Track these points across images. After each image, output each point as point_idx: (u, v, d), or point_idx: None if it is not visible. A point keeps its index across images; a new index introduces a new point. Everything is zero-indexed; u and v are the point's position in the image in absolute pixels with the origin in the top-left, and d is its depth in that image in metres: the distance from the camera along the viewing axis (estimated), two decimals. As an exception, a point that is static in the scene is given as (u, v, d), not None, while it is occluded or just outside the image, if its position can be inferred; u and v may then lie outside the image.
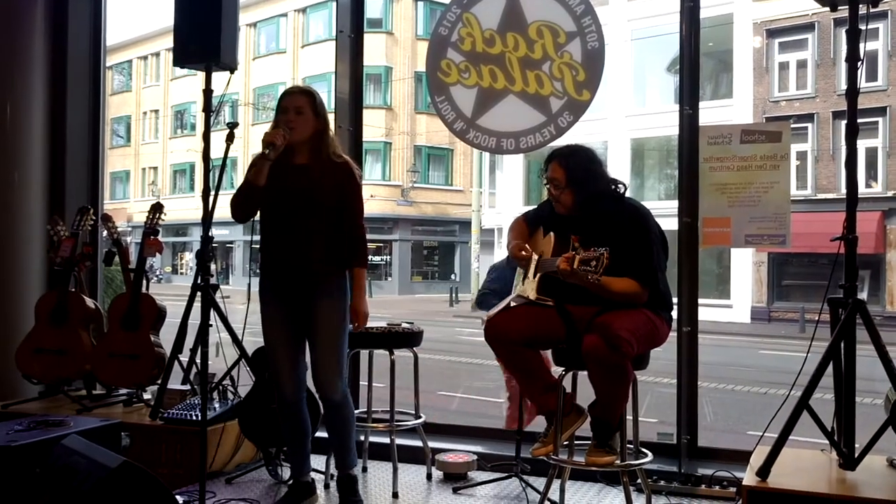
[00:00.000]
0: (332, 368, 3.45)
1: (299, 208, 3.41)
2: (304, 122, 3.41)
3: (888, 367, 3.03)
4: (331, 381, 3.45)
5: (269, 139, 3.31)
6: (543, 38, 4.20)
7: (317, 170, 3.43)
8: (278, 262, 3.48)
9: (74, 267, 4.64)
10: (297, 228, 3.42)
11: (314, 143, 3.46)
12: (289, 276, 3.46)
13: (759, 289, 20.37)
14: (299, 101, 3.43)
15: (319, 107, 3.47)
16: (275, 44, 32.55)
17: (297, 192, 3.41)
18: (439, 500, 3.80)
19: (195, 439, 3.67)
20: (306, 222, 3.42)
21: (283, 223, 3.45)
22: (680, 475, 3.87)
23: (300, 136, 3.41)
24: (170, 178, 36.38)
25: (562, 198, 3.28)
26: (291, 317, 3.49)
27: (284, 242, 3.45)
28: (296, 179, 3.42)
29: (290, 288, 3.47)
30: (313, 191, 3.41)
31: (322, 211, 3.42)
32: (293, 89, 3.53)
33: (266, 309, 3.52)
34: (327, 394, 3.48)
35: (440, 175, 31.59)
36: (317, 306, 3.44)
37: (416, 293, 28.47)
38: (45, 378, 4.61)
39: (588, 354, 3.02)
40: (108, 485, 2.61)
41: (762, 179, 3.90)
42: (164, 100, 36.24)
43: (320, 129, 3.46)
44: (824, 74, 19.47)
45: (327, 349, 3.45)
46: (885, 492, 2.95)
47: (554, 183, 3.28)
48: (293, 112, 3.41)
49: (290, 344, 3.51)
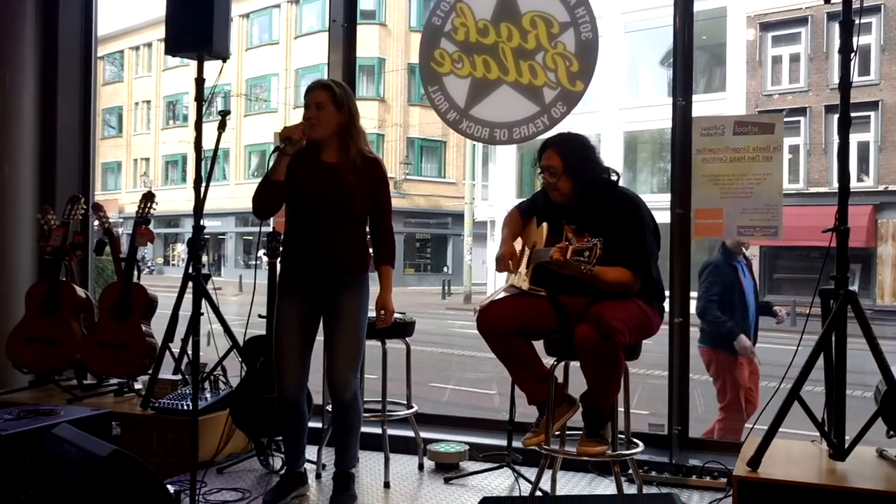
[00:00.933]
0: (348, 367, 3.44)
1: (331, 208, 3.38)
2: (326, 118, 3.37)
3: (878, 358, 3.04)
4: (345, 380, 3.44)
5: (287, 133, 3.28)
6: (537, 29, 4.19)
7: (349, 169, 3.39)
8: (305, 259, 3.44)
9: (65, 256, 4.62)
10: (328, 228, 3.39)
11: (341, 139, 3.41)
12: (314, 274, 3.43)
13: (750, 282, 20.39)
14: (319, 95, 3.38)
15: (340, 99, 3.40)
16: (267, 35, 32.43)
17: (330, 193, 3.37)
18: (431, 490, 3.81)
19: (186, 429, 3.67)
20: (337, 222, 3.40)
21: (312, 222, 3.41)
22: (671, 466, 3.88)
23: (323, 131, 3.37)
24: (161, 170, 36.26)
25: (559, 185, 3.26)
26: (309, 315, 3.47)
27: (313, 241, 3.41)
28: (327, 179, 3.38)
29: (314, 286, 3.44)
30: (346, 192, 3.37)
31: (350, 210, 3.41)
32: (314, 84, 3.47)
33: (284, 304, 3.49)
34: (339, 392, 3.46)
35: (433, 167, 31.56)
36: (340, 304, 3.43)
37: (408, 285, 28.45)
38: (36, 368, 4.60)
39: (580, 344, 3.02)
40: (99, 473, 2.60)
41: (755, 171, 3.90)
42: (156, 90, 36.08)
43: (345, 122, 3.40)
44: (817, 68, 19.52)
45: (346, 347, 3.43)
46: (875, 482, 2.96)
47: (550, 171, 3.26)
48: (314, 108, 3.37)
49: (302, 342, 3.48)
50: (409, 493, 3.78)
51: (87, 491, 2.59)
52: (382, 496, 3.70)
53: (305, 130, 3.32)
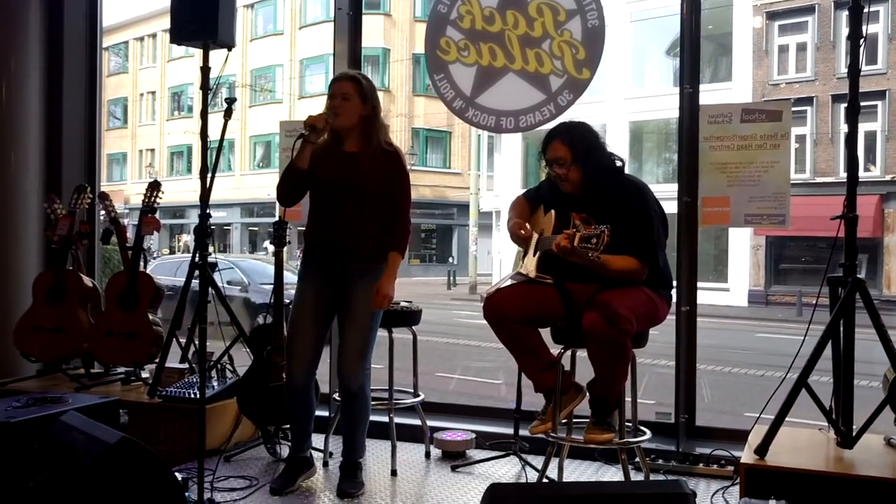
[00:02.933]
0: (354, 359, 3.46)
1: (348, 197, 3.42)
2: (351, 109, 3.41)
3: (887, 346, 3.04)
4: (353, 370, 3.46)
5: (311, 122, 3.33)
6: (543, 16, 4.17)
7: (367, 158, 3.44)
8: (323, 246, 3.49)
9: (72, 245, 4.63)
10: (345, 216, 3.44)
11: (364, 130, 3.46)
12: (330, 261, 3.48)
13: (756, 272, 20.40)
14: (346, 87, 3.42)
15: (367, 92, 3.45)
16: (272, 25, 32.38)
17: (346, 181, 3.42)
18: (438, 478, 3.81)
19: (193, 417, 3.68)
20: (354, 211, 3.43)
21: (330, 210, 3.47)
22: (678, 454, 3.88)
23: (347, 122, 3.42)
24: (167, 160, 36.28)
25: (570, 175, 3.25)
26: (325, 303, 3.50)
27: (331, 229, 3.47)
28: (345, 167, 3.43)
29: (330, 273, 3.48)
30: (363, 180, 3.41)
31: (370, 201, 3.44)
32: (341, 75, 3.54)
33: (302, 292, 3.53)
34: (346, 381, 3.48)
35: (438, 158, 31.53)
36: (353, 293, 3.45)
37: (413, 276, 28.45)
38: (43, 356, 4.61)
39: (588, 332, 3.01)
40: (107, 460, 2.61)
41: (762, 159, 3.88)
42: (161, 81, 36.06)
43: (368, 115, 3.45)
44: (824, 58, 19.41)
45: (355, 338, 3.46)
46: (883, 470, 2.96)
47: (559, 162, 3.25)
48: (340, 98, 3.41)
49: (317, 329, 3.51)
50: (416, 480, 3.78)
51: (96, 478, 2.60)
52: (389, 484, 3.71)
53: (329, 119, 3.37)
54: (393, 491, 3.62)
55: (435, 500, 3.48)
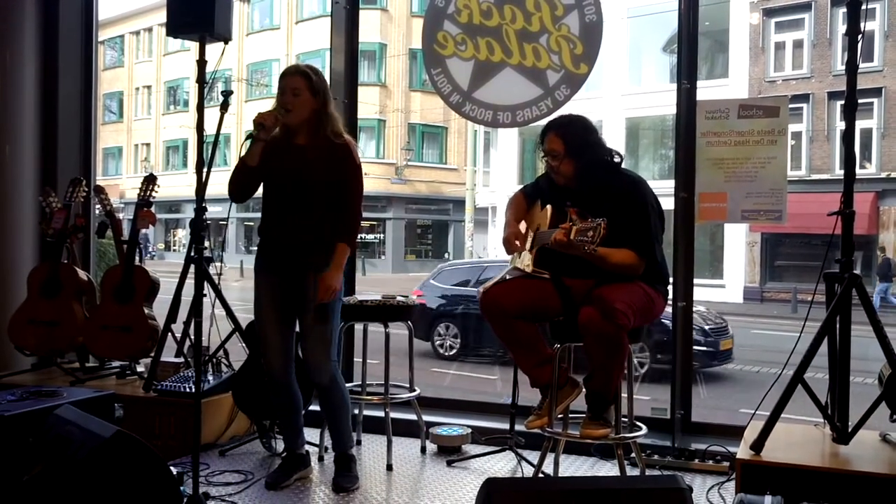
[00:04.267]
0: (318, 352, 3.45)
1: (293, 188, 3.41)
2: (302, 104, 3.38)
3: (882, 341, 3.04)
4: (318, 364, 3.45)
5: (260, 119, 3.30)
6: (541, 11, 4.16)
7: (313, 150, 3.41)
8: (272, 240, 3.48)
9: (67, 238, 4.62)
10: (291, 208, 3.41)
11: (312, 123, 3.43)
12: (281, 255, 3.46)
13: (752, 269, 20.41)
14: (296, 82, 3.39)
15: (317, 85, 3.41)
16: (269, 20, 32.25)
17: (291, 172, 3.40)
18: (433, 472, 3.81)
19: (189, 411, 3.67)
20: (300, 202, 3.40)
21: (278, 203, 3.45)
22: (674, 449, 3.89)
23: (298, 117, 3.39)
24: (162, 155, 36.15)
25: (561, 168, 3.26)
26: (282, 296, 3.48)
27: (279, 222, 3.45)
28: (292, 159, 3.41)
29: (283, 267, 3.45)
30: (306, 171, 3.39)
31: (317, 190, 3.39)
32: (290, 70, 3.48)
33: (258, 286, 3.53)
34: (315, 377, 3.48)
35: (434, 153, 31.47)
36: (307, 289, 3.41)
37: (409, 272, 28.40)
38: (38, 350, 4.60)
39: (584, 327, 3.01)
40: (103, 454, 2.60)
41: (759, 155, 3.88)
42: (157, 75, 35.92)
43: (318, 108, 3.42)
44: (820, 55, 19.41)
45: (316, 332, 3.44)
46: (878, 465, 2.97)
47: (552, 154, 3.25)
48: (290, 94, 3.37)
49: (280, 322, 3.50)
50: (412, 475, 3.78)
51: (91, 472, 2.59)
52: (385, 478, 3.70)
53: (280, 116, 3.34)
54: (388, 485, 3.62)
55: (430, 495, 3.48)
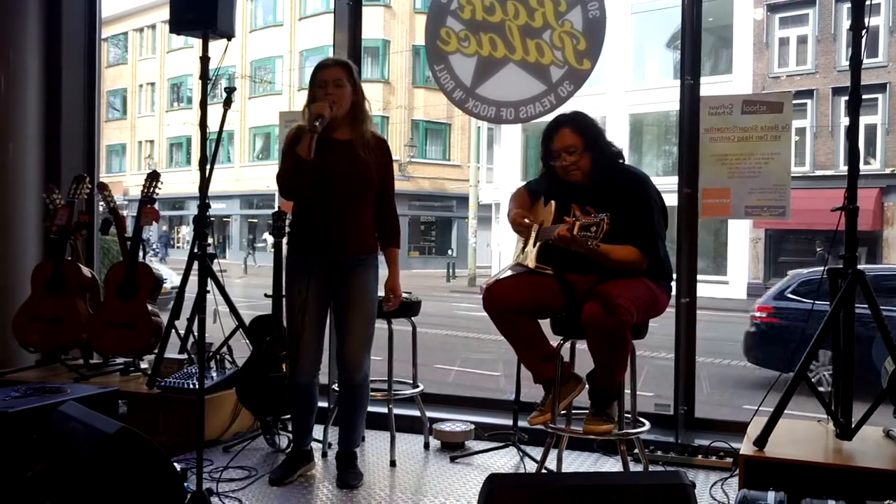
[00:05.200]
0: (360, 349, 3.45)
1: (346, 186, 3.36)
2: (345, 95, 3.35)
3: (886, 337, 3.03)
4: (357, 361, 3.45)
5: (319, 111, 3.21)
6: (544, 7, 4.15)
7: (362, 146, 3.38)
8: (317, 238, 3.41)
9: (70, 235, 4.62)
10: (340, 206, 3.37)
11: (354, 117, 3.40)
12: (327, 253, 3.41)
13: (755, 265, 20.38)
14: (337, 73, 3.35)
15: (356, 78, 3.42)
16: (272, 16, 32.26)
17: (346, 169, 3.35)
18: (437, 468, 3.81)
19: (192, 408, 3.68)
20: (350, 200, 3.38)
21: (325, 200, 3.37)
22: (677, 445, 3.89)
23: (342, 110, 3.35)
24: (166, 152, 36.20)
25: (581, 163, 3.23)
26: (322, 297, 3.45)
27: (326, 219, 3.38)
28: (343, 156, 3.35)
29: (324, 266, 3.42)
30: (361, 168, 3.36)
31: (363, 188, 3.40)
32: (329, 62, 3.44)
33: (297, 287, 3.44)
34: (351, 374, 3.47)
35: (438, 150, 31.46)
36: (349, 286, 3.41)
37: (413, 268, 28.40)
38: (42, 347, 4.61)
39: (588, 323, 3.01)
40: (106, 450, 2.61)
41: (763, 150, 3.87)
42: (161, 72, 35.94)
43: (358, 101, 3.40)
44: (824, 50, 19.36)
45: (358, 330, 3.43)
46: (881, 461, 2.96)
47: (569, 150, 3.22)
48: (332, 85, 3.33)
49: (317, 326, 3.48)
50: (415, 471, 3.79)
51: (95, 468, 2.60)
52: (388, 474, 3.71)
53: (332, 107, 3.27)
54: (392, 482, 3.62)
55: (434, 491, 3.48)
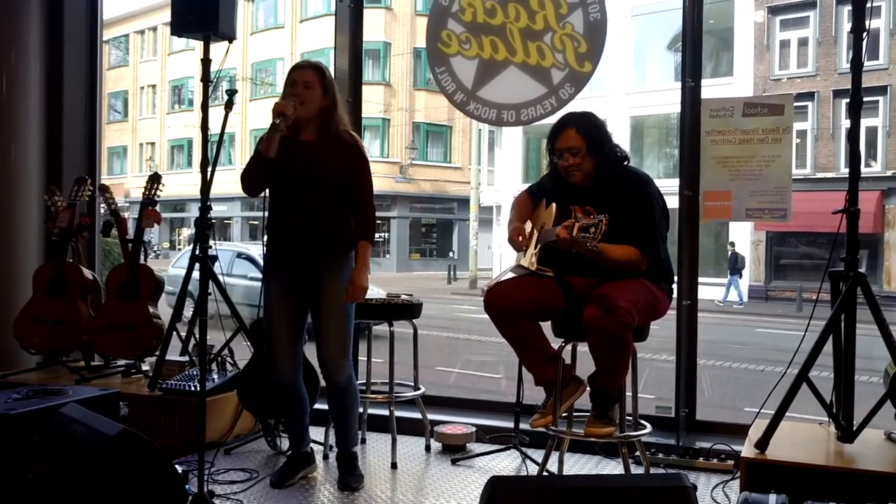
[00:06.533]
0: (337, 350, 3.43)
1: (306, 185, 3.37)
2: (313, 97, 3.35)
3: (888, 340, 3.03)
4: (336, 364, 3.44)
5: (280, 109, 3.24)
6: (545, 9, 4.15)
7: (324, 147, 3.38)
8: (284, 238, 3.43)
9: (72, 237, 4.63)
10: (304, 205, 3.37)
11: (322, 120, 3.39)
12: (294, 254, 3.42)
13: (756, 267, 20.39)
14: (308, 75, 3.36)
15: (329, 83, 3.40)
16: (273, 19, 32.29)
17: (303, 169, 3.35)
18: (438, 471, 3.81)
19: (193, 410, 3.67)
20: (312, 199, 3.37)
21: (289, 200, 3.40)
22: (678, 448, 3.88)
23: (308, 111, 3.34)
24: (167, 154, 36.23)
25: (584, 165, 3.23)
26: (294, 296, 3.45)
27: (291, 219, 3.40)
28: (302, 155, 3.36)
29: (296, 266, 3.42)
30: (320, 168, 3.35)
31: (328, 188, 3.38)
32: (303, 63, 3.46)
33: (269, 286, 3.49)
34: (331, 375, 3.46)
35: (439, 152, 31.48)
36: (322, 286, 3.40)
37: (414, 270, 28.45)
38: (44, 348, 4.61)
39: (589, 325, 3.01)
40: (108, 452, 2.61)
41: (764, 153, 3.87)
42: (162, 75, 35.98)
43: (328, 105, 3.39)
44: (825, 52, 19.37)
45: (333, 330, 3.42)
46: (883, 464, 2.96)
47: (572, 151, 3.22)
48: (301, 86, 3.34)
49: (291, 323, 3.48)
50: (416, 473, 3.78)
51: (96, 470, 2.60)
52: (389, 476, 3.71)
53: (296, 106, 3.29)
54: (393, 484, 3.62)
55: (435, 493, 3.48)
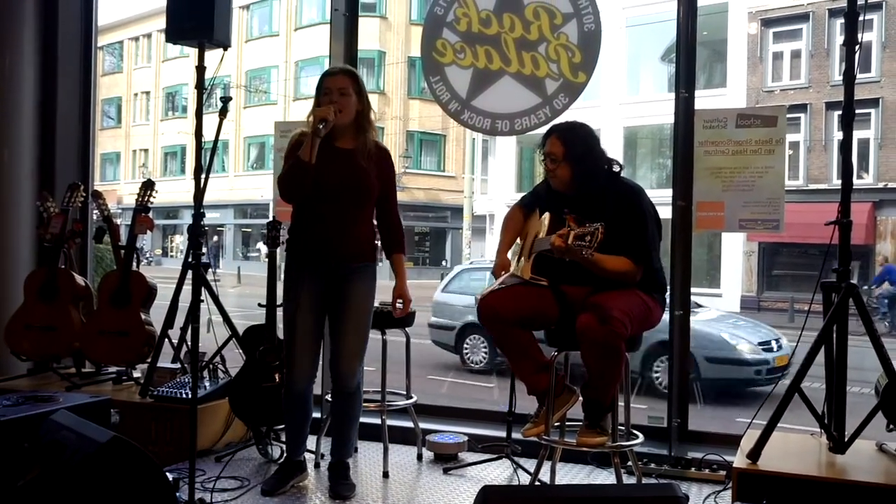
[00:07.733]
0: (354, 358, 3.44)
1: (346, 195, 3.36)
2: (349, 104, 3.34)
3: (879, 351, 3.04)
4: (351, 371, 3.44)
5: (322, 115, 3.21)
6: (540, 20, 4.17)
7: (363, 155, 3.38)
8: (316, 246, 3.40)
9: (64, 244, 4.61)
10: (341, 214, 3.37)
11: (358, 126, 3.40)
12: (324, 262, 3.39)
13: (749, 278, 20.42)
14: (342, 81, 3.36)
15: (362, 86, 3.41)
16: (268, 26, 32.31)
17: (346, 178, 3.34)
18: (430, 480, 3.80)
19: (185, 417, 3.66)
20: (351, 208, 3.38)
21: (325, 208, 3.36)
22: (670, 458, 3.88)
23: (346, 118, 3.34)
24: (160, 161, 36.17)
25: (558, 172, 3.26)
26: (319, 305, 3.44)
27: (326, 226, 3.37)
28: (344, 164, 3.35)
29: (324, 273, 3.40)
30: (362, 178, 3.36)
31: (368, 198, 3.40)
32: (334, 69, 3.45)
33: (296, 295, 3.42)
34: (344, 382, 3.46)
35: (432, 161, 31.49)
36: (349, 292, 3.41)
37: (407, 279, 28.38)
38: (34, 355, 4.59)
39: (582, 334, 3.01)
40: (98, 459, 2.59)
41: (757, 164, 3.89)
42: (156, 81, 35.96)
43: (362, 110, 3.40)
44: (818, 65, 19.47)
45: (354, 338, 3.43)
46: (875, 475, 2.97)
47: (551, 157, 3.26)
48: (337, 93, 3.33)
49: (314, 334, 3.47)
50: (408, 482, 3.77)
51: (86, 477, 2.58)
52: (381, 486, 3.69)
53: (336, 112, 3.27)
54: (385, 493, 3.61)
55: (427, 503, 3.47)
